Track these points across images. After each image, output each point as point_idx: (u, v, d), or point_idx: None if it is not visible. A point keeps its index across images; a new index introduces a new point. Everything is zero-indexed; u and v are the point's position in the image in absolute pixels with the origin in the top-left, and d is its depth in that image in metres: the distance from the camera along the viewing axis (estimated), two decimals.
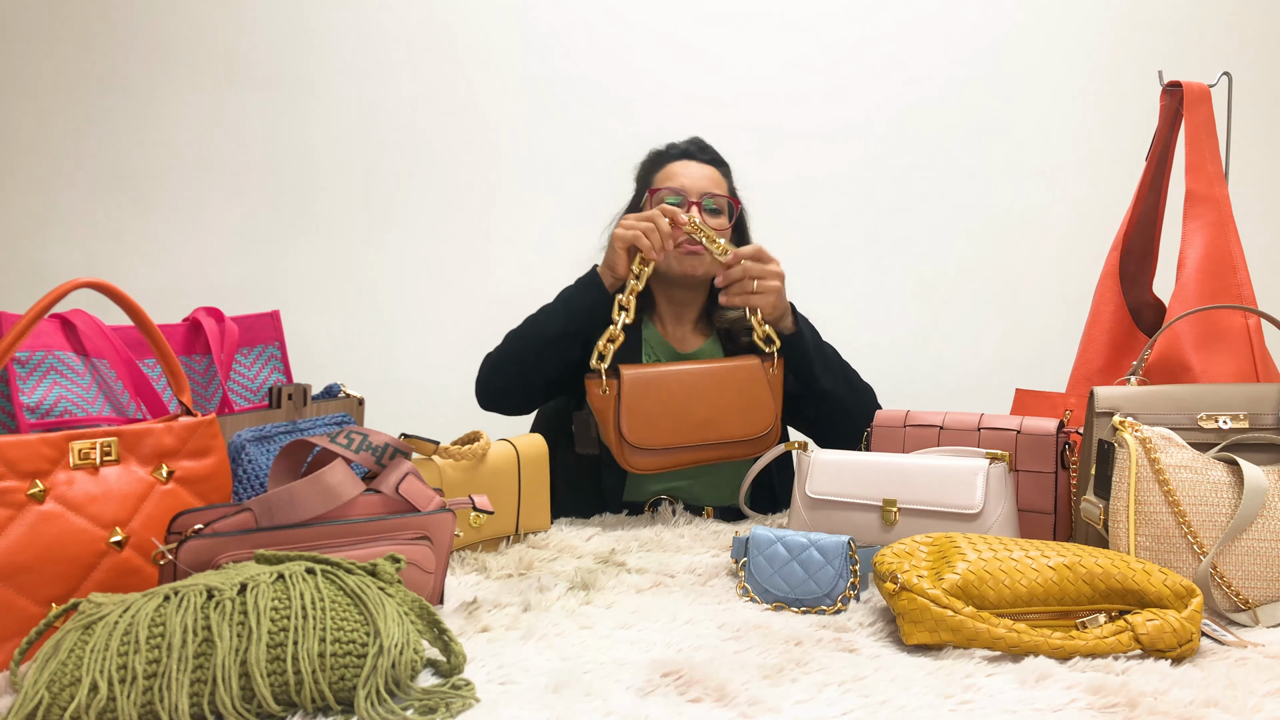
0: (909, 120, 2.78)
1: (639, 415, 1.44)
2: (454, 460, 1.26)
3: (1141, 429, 1.08)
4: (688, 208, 1.66)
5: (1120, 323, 1.52)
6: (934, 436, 1.38)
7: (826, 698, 0.79)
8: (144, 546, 0.95)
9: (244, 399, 1.34)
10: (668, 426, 1.46)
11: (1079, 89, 2.74)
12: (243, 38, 2.78)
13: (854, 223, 2.78)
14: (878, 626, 0.99)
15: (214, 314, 1.35)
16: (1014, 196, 2.76)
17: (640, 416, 1.44)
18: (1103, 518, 1.08)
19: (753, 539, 1.11)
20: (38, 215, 2.78)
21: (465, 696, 0.78)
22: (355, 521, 0.96)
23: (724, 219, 1.73)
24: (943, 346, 2.74)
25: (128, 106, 2.78)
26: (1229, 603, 1.02)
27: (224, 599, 0.74)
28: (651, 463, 1.48)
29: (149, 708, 0.70)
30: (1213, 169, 1.45)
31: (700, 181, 1.71)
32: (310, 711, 0.74)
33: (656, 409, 1.45)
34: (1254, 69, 2.61)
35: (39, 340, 1.12)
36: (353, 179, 2.80)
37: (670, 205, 1.55)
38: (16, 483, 0.88)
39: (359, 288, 2.79)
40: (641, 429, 1.44)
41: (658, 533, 1.40)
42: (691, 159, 1.76)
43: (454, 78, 2.78)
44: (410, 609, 0.84)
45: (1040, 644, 0.87)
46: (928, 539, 1.01)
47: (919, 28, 2.76)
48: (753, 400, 1.50)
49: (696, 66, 2.77)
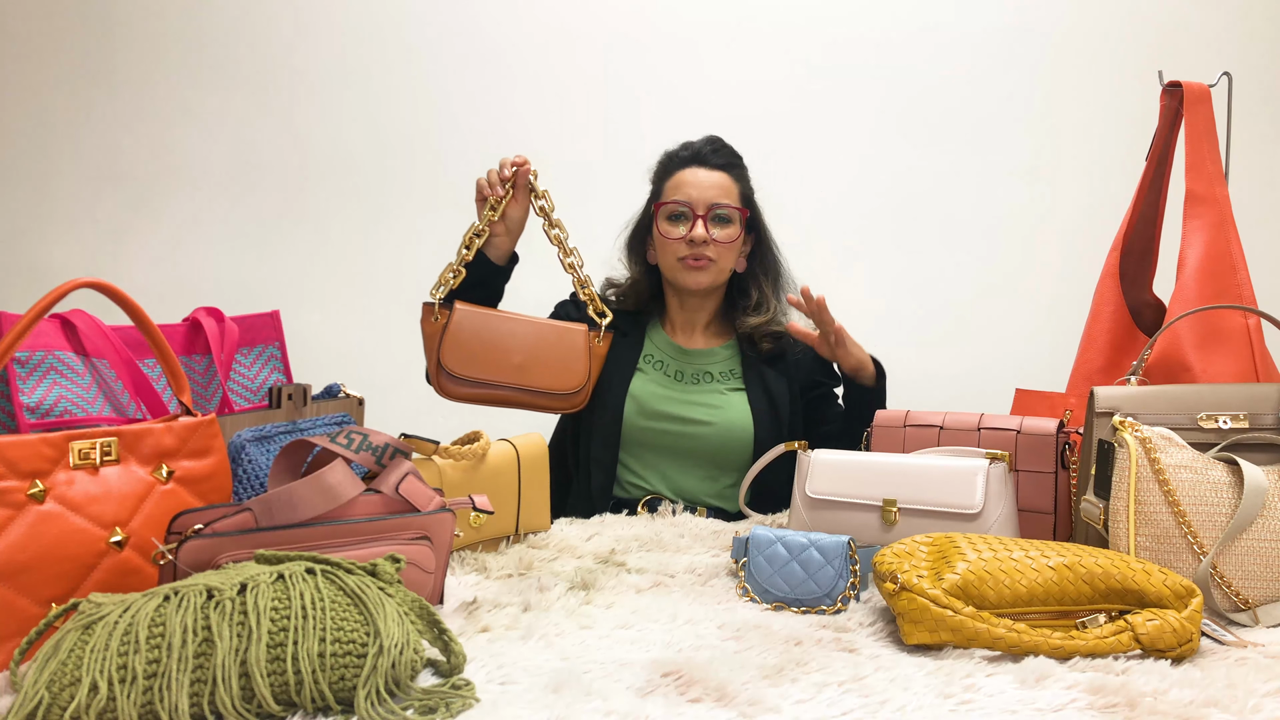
0: (909, 120, 2.78)
1: (460, 346, 1.56)
2: (454, 460, 1.26)
3: (1141, 429, 1.08)
4: (693, 222, 1.67)
5: (1120, 323, 1.52)
6: (934, 436, 1.38)
7: (826, 698, 0.79)
8: (144, 546, 0.95)
9: (244, 399, 1.34)
10: (483, 362, 1.57)
11: (1079, 89, 2.74)
12: (243, 38, 2.78)
13: (854, 223, 2.78)
14: (878, 626, 0.98)
15: (214, 314, 1.35)
16: (1014, 197, 2.76)
17: (461, 347, 1.56)
18: (1103, 518, 1.08)
19: (753, 539, 1.11)
20: (38, 215, 2.78)
21: (465, 696, 0.78)
22: (355, 521, 0.96)
23: (734, 228, 1.71)
24: (943, 346, 2.74)
25: (128, 106, 2.78)
26: (1229, 603, 1.02)
27: (224, 599, 0.74)
28: (463, 392, 1.58)
29: (149, 708, 0.70)
30: (1213, 169, 1.45)
31: (708, 191, 1.69)
32: (310, 711, 0.74)
33: (476, 344, 1.56)
34: (1254, 69, 2.61)
35: (39, 340, 1.12)
36: (353, 179, 2.80)
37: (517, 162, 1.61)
38: (16, 483, 0.88)
39: (359, 288, 2.79)
40: (458, 359, 1.56)
41: (658, 533, 1.40)
42: (702, 164, 1.72)
43: (455, 77, 2.78)
44: (410, 609, 0.84)
45: (1040, 644, 0.87)
46: (928, 539, 1.01)
47: (919, 28, 2.76)
48: (568, 361, 1.61)
49: (698, 66, 2.77)
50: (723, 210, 1.69)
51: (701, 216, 1.67)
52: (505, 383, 1.58)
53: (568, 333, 1.62)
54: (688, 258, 1.68)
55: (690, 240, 1.67)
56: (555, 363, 1.60)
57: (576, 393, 1.63)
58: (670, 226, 1.70)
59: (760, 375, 1.74)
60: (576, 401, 1.64)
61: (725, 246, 1.70)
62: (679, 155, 1.76)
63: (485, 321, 1.58)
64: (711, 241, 1.68)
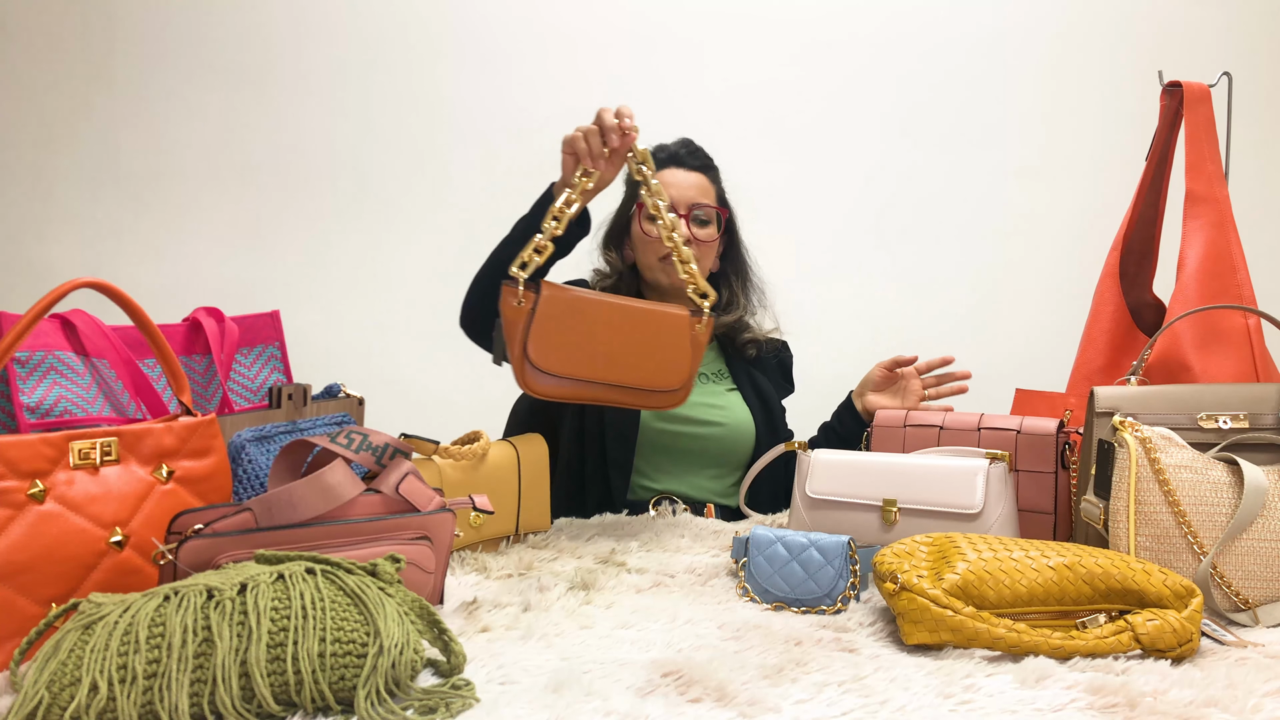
0: (909, 120, 2.78)
1: (548, 336, 1.33)
2: (454, 460, 1.26)
3: (1141, 429, 1.08)
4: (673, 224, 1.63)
5: (1120, 323, 1.52)
6: (934, 436, 1.38)
7: (826, 698, 0.79)
8: (144, 546, 0.95)
9: (244, 399, 1.34)
10: (575, 355, 1.34)
11: (1079, 89, 2.74)
12: (243, 38, 2.78)
13: (854, 222, 2.78)
14: (878, 626, 0.98)
15: (214, 314, 1.35)
16: (1014, 196, 2.76)
17: (549, 338, 1.32)
18: (1103, 518, 1.08)
19: (753, 539, 1.11)
20: (38, 215, 2.78)
21: (465, 696, 0.78)
22: (355, 521, 0.96)
23: (712, 229, 1.71)
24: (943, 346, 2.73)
25: (128, 106, 2.78)
26: (1229, 603, 1.02)
27: (224, 599, 0.74)
28: (550, 389, 1.36)
29: (149, 708, 0.70)
30: (1213, 169, 1.45)
31: (688, 192, 1.69)
32: (310, 711, 0.74)
33: (567, 334, 1.33)
34: (1254, 69, 2.61)
35: (39, 340, 1.12)
36: (353, 179, 2.80)
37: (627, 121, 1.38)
38: (16, 483, 0.88)
39: (359, 288, 2.79)
40: (547, 351, 1.33)
41: (658, 533, 1.40)
42: (680, 165, 1.72)
43: (454, 77, 2.78)
44: (410, 609, 0.84)
45: (1040, 644, 0.87)
46: (928, 539, 1.01)
47: (918, 27, 2.76)
48: (669, 352, 1.39)
49: (699, 66, 2.77)
50: (702, 211, 1.69)
51: (683, 217, 1.67)
52: (600, 379, 1.36)
53: (667, 318, 1.39)
54: (668, 257, 1.64)
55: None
56: (655, 354, 1.38)
57: (678, 390, 1.43)
58: (652, 226, 1.68)
59: (748, 374, 1.79)
60: (678, 399, 1.44)
61: (706, 246, 1.70)
62: (655, 157, 1.73)
63: (577, 305, 1.35)
64: (693, 241, 1.67)
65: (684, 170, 1.72)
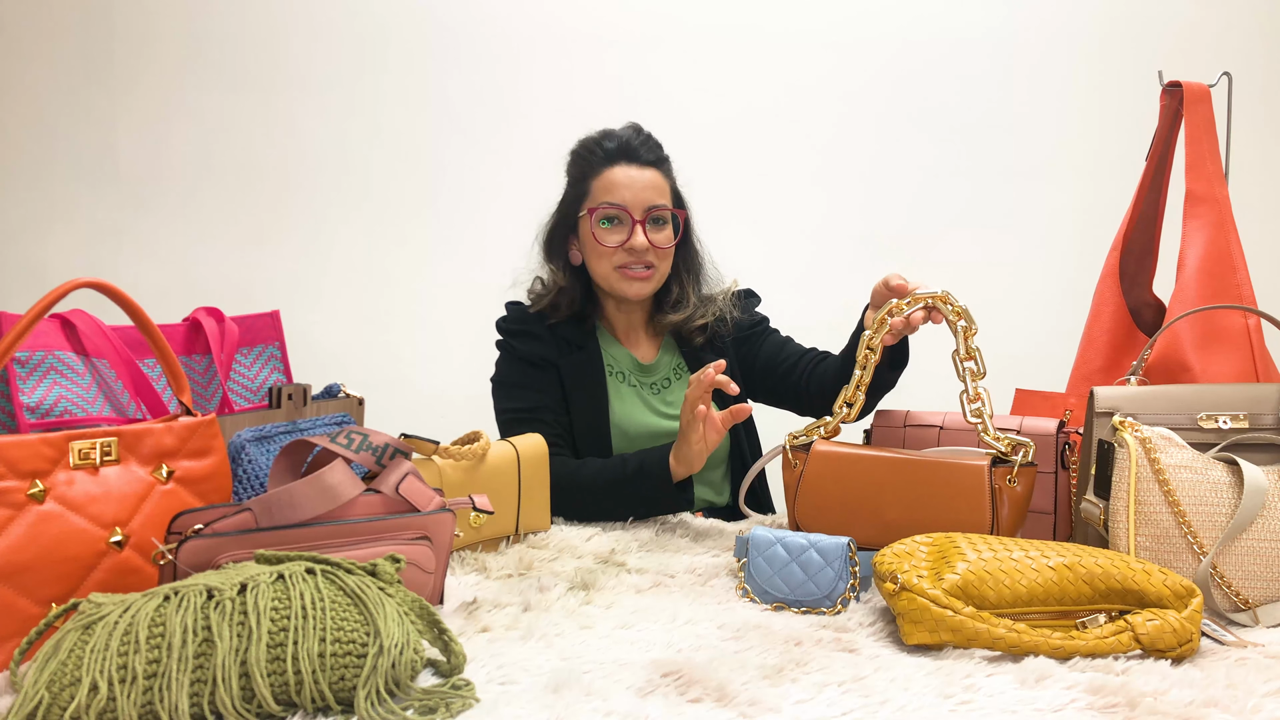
0: (908, 120, 2.77)
1: (814, 499, 1.24)
2: (454, 460, 1.26)
3: (1141, 429, 1.08)
4: (631, 227, 1.55)
5: (1120, 323, 1.52)
6: (934, 436, 1.38)
7: (826, 698, 0.79)
8: (144, 546, 0.95)
9: (244, 399, 1.34)
10: (845, 519, 1.22)
11: (1079, 89, 2.74)
12: (243, 38, 2.78)
13: (853, 222, 2.78)
14: (878, 627, 0.98)
15: (214, 314, 1.35)
16: (1014, 196, 2.76)
17: (812, 500, 1.24)
18: (1103, 518, 1.08)
19: (752, 540, 1.11)
20: (37, 215, 2.78)
21: (465, 696, 0.78)
22: (355, 521, 0.96)
23: (669, 230, 1.59)
24: (943, 346, 2.73)
25: (127, 106, 2.77)
26: (1229, 603, 1.02)
27: (224, 599, 0.74)
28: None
29: (149, 708, 0.70)
30: (1213, 169, 1.45)
31: (644, 193, 1.55)
32: (310, 711, 0.74)
33: (837, 497, 1.23)
34: (1254, 69, 2.61)
35: (39, 340, 1.12)
36: (353, 179, 2.80)
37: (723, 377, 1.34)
38: (16, 483, 0.88)
39: (359, 288, 2.79)
40: (814, 515, 1.24)
41: (658, 533, 1.40)
42: (633, 160, 1.58)
43: (454, 77, 2.78)
44: (410, 609, 0.84)
45: (1040, 644, 0.87)
46: (928, 539, 1.01)
47: (918, 27, 2.76)
48: (963, 513, 1.17)
49: (699, 66, 2.77)
50: (660, 213, 1.57)
51: (640, 221, 1.55)
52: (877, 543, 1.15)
53: (962, 472, 1.18)
54: (627, 266, 1.56)
55: (630, 248, 1.55)
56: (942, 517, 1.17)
57: None
58: (605, 233, 1.56)
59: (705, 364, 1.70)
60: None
61: (664, 251, 1.59)
62: (604, 148, 1.59)
63: (846, 467, 1.24)
64: (652, 248, 1.56)
65: (637, 167, 1.57)
